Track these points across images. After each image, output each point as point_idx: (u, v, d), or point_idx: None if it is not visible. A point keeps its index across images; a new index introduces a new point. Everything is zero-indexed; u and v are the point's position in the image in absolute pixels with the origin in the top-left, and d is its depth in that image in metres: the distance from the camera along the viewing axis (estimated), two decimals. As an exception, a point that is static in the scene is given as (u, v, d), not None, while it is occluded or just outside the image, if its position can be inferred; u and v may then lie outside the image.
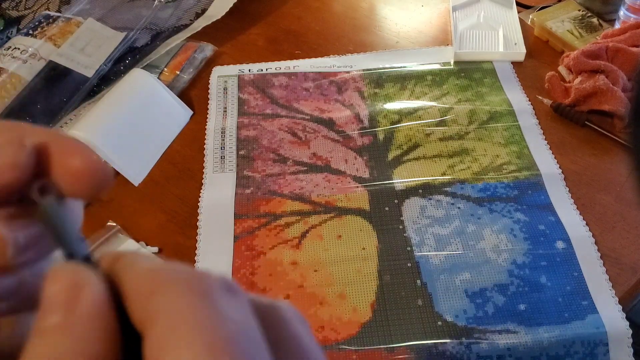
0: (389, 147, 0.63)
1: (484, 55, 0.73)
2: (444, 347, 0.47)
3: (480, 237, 0.54)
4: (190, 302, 0.15)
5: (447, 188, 0.59)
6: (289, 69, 0.74)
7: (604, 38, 0.70)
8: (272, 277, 0.53)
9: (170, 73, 0.74)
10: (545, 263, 0.52)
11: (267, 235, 0.56)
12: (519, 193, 0.58)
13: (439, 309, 0.50)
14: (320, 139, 0.65)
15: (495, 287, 0.51)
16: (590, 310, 0.49)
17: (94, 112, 0.65)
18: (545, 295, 0.50)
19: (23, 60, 0.71)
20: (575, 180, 0.60)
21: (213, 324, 0.15)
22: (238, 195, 0.60)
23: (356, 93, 0.70)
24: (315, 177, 0.61)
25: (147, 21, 0.79)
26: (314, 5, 0.85)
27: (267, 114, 0.68)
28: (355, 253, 0.54)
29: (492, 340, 0.47)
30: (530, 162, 0.61)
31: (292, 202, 0.59)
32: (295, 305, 0.58)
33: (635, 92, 0.33)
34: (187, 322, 0.15)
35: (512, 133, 0.64)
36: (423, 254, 0.54)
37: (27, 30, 0.76)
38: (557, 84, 0.68)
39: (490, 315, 0.49)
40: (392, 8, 0.84)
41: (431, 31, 0.79)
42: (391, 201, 0.58)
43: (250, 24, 0.82)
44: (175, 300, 0.15)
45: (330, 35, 0.80)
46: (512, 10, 0.79)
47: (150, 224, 0.59)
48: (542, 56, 0.74)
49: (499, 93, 0.68)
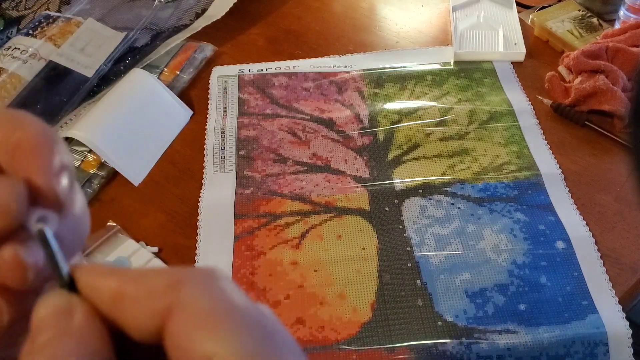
0: (389, 147, 0.63)
1: (484, 55, 0.73)
2: (444, 347, 0.47)
3: (480, 237, 0.54)
4: (207, 291, 0.18)
5: (447, 188, 0.59)
6: (289, 69, 0.74)
7: (604, 38, 0.70)
8: (272, 277, 0.53)
9: (170, 73, 0.74)
10: (545, 263, 0.52)
11: (267, 235, 0.56)
12: (519, 193, 0.58)
13: (439, 309, 0.50)
14: (320, 139, 0.65)
15: (495, 287, 0.51)
16: (590, 310, 0.49)
17: (94, 112, 0.65)
18: (545, 295, 0.50)
19: (23, 60, 0.71)
20: (575, 180, 0.60)
21: (231, 307, 0.18)
22: (238, 195, 0.60)
23: (356, 93, 0.70)
24: (315, 177, 0.61)
25: (147, 21, 0.79)
26: (314, 5, 0.85)
27: (267, 114, 0.68)
28: (355, 253, 0.54)
29: (492, 340, 0.47)
30: (530, 162, 0.61)
31: (292, 202, 0.59)
32: (295, 306, 0.58)
33: (635, 92, 0.33)
34: (209, 308, 0.18)
35: (512, 133, 0.64)
36: (423, 254, 0.54)
37: (27, 30, 0.76)
38: (557, 84, 0.68)
39: (490, 315, 0.49)
40: (392, 8, 0.84)
41: (431, 31, 0.79)
42: (391, 201, 0.58)
43: (250, 24, 0.82)
44: (194, 291, 0.18)
45: (330, 35, 0.80)
46: (512, 10, 0.79)
47: (150, 224, 0.59)
48: (542, 56, 0.74)
49: (499, 93, 0.68)
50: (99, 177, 0.62)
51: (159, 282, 0.19)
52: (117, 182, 0.63)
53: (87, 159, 0.62)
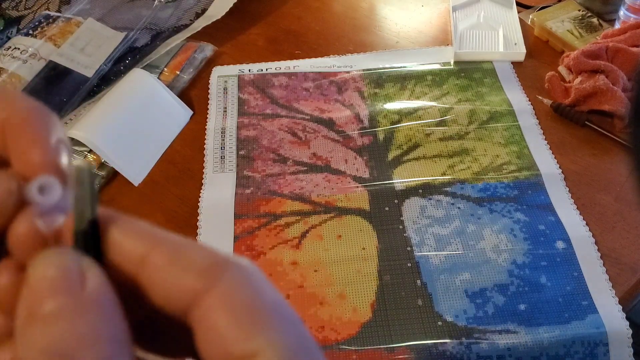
0: (389, 147, 0.63)
1: (483, 55, 0.73)
2: (444, 347, 0.47)
3: (480, 237, 0.54)
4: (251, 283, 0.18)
5: (447, 188, 0.59)
6: (289, 69, 0.74)
7: (604, 38, 0.70)
8: (272, 277, 0.53)
9: (170, 73, 0.74)
10: (545, 263, 0.52)
11: (267, 235, 0.56)
12: (519, 193, 0.58)
13: (439, 309, 0.50)
14: (320, 139, 0.65)
15: (495, 287, 0.51)
16: (590, 311, 0.49)
17: (93, 112, 0.65)
18: (545, 296, 0.50)
19: (23, 60, 0.71)
20: (575, 180, 0.60)
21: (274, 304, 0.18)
22: (238, 195, 0.60)
23: (356, 93, 0.70)
24: (315, 177, 0.61)
25: (147, 21, 0.79)
26: (314, 5, 0.85)
27: (267, 114, 0.68)
28: (355, 253, 0.54)
29: (492, 341, 0.47)
30: (530, 162, 0.61)
31: (292, 202, 0.59)
32: (295, 306, 0.57)
33: (635, 92, 0.33)
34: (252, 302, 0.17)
35: (512, 133, 0.64)
36: (423, 254, 0.54)
37: (27, 30, 0.76)
38: (557, 84, 0.68)
39: (490, 315, 0.49)
40: (392, 8, 0.84)
41: (431, 31, 0.79)
42: (391, 201, 0.58)
43: (250, 24, 0.82)
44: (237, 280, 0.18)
45: (330, 35, 0.80)
46: (512, 10, 0.79)
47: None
48: (542, 56, 0.74)
49: (499, 93, 0.68)
50: (99, 177, 0.62)
51: (201, 260, 0.18)
52: (117, 182, 0.63)
53: (87, 158, 0.62)
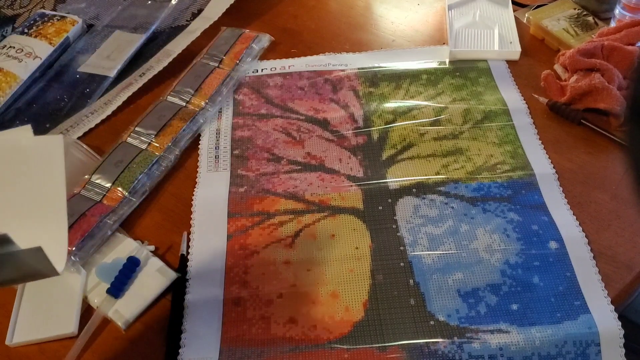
0: (383, 147, 0.63)
1: (479, 53, 0.73)
2: (436, 347, 0.47)
3: (474, 237, 0.54)
4: None
5: (441, 187, 0.59)
6: (284, 69, 0.74)
7: (600, 36, 0.69)
8: (265, 276, 0.53)
9: (230, 62, 0.73)
10: (538, 263, 0.52)
11: (260, 234, 0.56)
12: (512, 193, 0.58)
13: (432, 309, 0.50)
14: (314, 138, 0.65)
15: (488, 287, 0.51)
16: (583, 311, 0.49)
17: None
18: (537, 295, 0.50)
19: (18, 59, 0.71)
20: (570, 178, 0.59)
21: None
22: (232, 194, 0.60)
23: (351, 92, 0.70)
24: (309, 176, 0.61)
25: (161, 22, 0.79)
26: (309, 4, 0.85)
27: (262, 114, 0.68)
28: (349, 252, 0.54)
29: (484, 340, 0.47)
30: (524, 162, 0.61)
31: (286, 200, 0.59)
32: (287, 305, 0.57)
33: (630, 91, 0.33)
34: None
35: (507, 132, 0.64)
36: (416, 253, 0.54)
37: (22, 29, 0.76)
38: (553, 82, 0.68)
39: (482, 315, 0.49)
40: (388, 6, 0.84)
41: (427, 30, 0.79)
42: (385, 200, 0.58)
43: (246, 23, 0.82)
44: None
45: (327, 34, 0.80)
46: (507, 9, 0.79)
47: (147, 223, 0.59)
48: (537, 55, 0.74)
49: (493, 92, 0.68)
50: (167, 160, 0.63)
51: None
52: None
53: (153, 143, 0.63)
